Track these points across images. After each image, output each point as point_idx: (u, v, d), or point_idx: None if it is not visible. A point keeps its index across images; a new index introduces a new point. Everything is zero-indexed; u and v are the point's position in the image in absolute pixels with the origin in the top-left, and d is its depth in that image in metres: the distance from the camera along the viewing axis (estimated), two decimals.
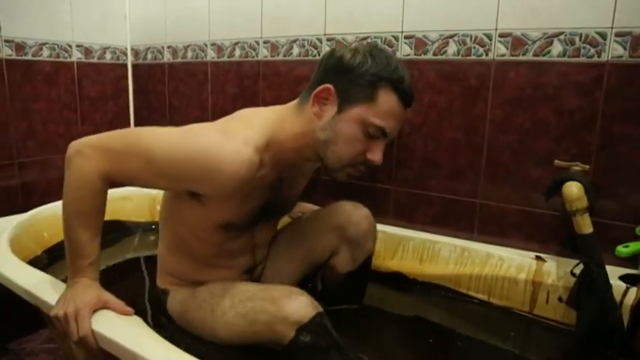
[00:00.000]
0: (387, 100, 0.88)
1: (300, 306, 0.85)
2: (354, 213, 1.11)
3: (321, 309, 0.87)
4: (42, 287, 0.96)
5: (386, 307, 1.25)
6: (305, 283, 1.19)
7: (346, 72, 0.88)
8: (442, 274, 1.27)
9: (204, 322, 0.97)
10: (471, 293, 1.22)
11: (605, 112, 1.08)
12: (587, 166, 1.08)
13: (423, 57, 1.29)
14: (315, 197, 1.49)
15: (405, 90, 0.89)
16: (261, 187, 0.95)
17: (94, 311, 0.85)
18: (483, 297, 1.21)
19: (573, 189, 1.02)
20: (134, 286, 1.33)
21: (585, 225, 1.02)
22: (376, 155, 0.92)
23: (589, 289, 1.02)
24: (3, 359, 1.37)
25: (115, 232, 1.61)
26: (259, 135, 0.88)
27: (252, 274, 1.13)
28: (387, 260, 1.35)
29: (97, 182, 0.85)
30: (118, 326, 0.83)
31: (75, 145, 0.86)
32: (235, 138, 0.84)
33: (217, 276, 1.04)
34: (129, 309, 0.87)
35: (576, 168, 1.08)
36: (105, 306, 0.87)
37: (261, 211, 1.00)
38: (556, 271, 1.13)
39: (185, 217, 0.99)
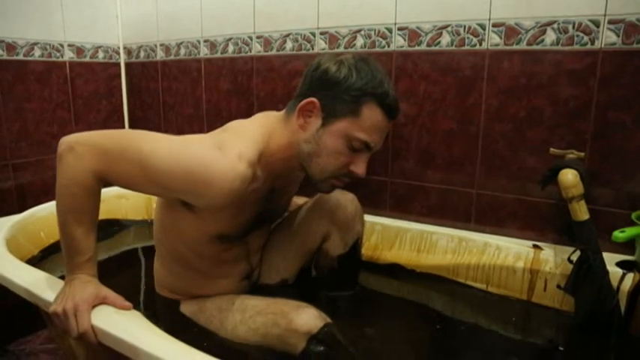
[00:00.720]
0: (371, 114, 0.88)
1: (309, 317, 0.88)
2: (341, 198, 1.14)
3: (329, 320, 0.89)
4: (41, 285, 0.96)
5: (385, 296, 1.26)
6: (303, 276, 1.19)
7: (331, 86, 0.88)
8: (440, 265, 1.27)
9: (215, 336, 0.98)
10: (469, 282, 1.23)
11: (599, 100, 1.09)
12: (582, 154, 1.09)
13: (416, 48, 1.29)
14: (309, 190, 1.50)
15: (390, 104, 0.90)
16: (254, 199, 0.96)
17: (93, 307, 0.85)
18: (481, 286, 1.21)
19: (569, 176, 1.03)
20: (132, 278, 1.33)
21: (581, 212, 1.02)
22: (360, 168, 0.93)
23: (586, 276, 1.02)
24: None
25: (111, 227, 1.61)
26: (252, 150, 0.88)
27: (251, 279, 1.14)
28: (384, 252, 1.36)
29: (89, 180, 0.84)
30: (118, 321, 0.83)
31: (66, 141, 0.85)
32: (230, 153, 0.84)
33: (218, 286, 1.06)
34: (128, 303, 0.87)
35: (571, 155, 1.09)
36: (104, 301, 0.86)
37: (255, 222, 1.02)
38: (553, 258, 1.13)
39: (180, 231, 0.99)
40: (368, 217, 1.40)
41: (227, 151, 0.84)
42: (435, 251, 1.29)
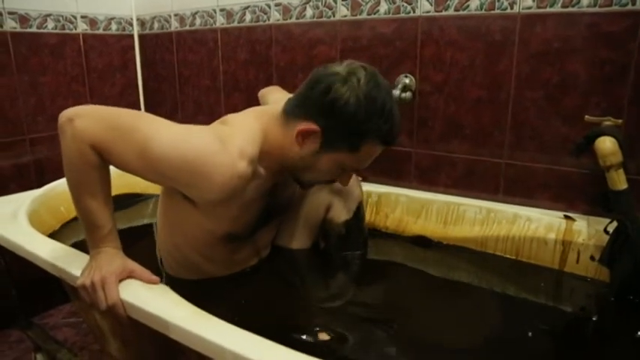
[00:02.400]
0: (370, 150, 0.89)
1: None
2: None
3: None
4: (66, 259, 0.95)
5: (410, 264, 1.25)
6: (315, 249, 1.20)
7: (336, 117, 0.85)
8: (467, 237, 1.24)
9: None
10: (498, 254, 1.20)
11: (638, 64, 1.04)
12: (619, 121, 1.04)
13: (443, 13, 1.24)
14: None
15: (391, 139, 0.90)
16: (258, 197, 0.96)
17: (120, 280, 0.84)
18: (511, 257, 1.19)
19: (607, 143, 0.99)
20: (150, 250, 1.32)
21: (620, 181, 0.99)
22: (344, 182, 0.98)
23: (623, 247, 0.99)
24: (29, 332, 1.38)
25: (131, 199, 1.58)
26: (252, 146, 0.87)
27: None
28: (409, 224, 1.33)
29: (90, 155, 0.81)
30: (146, 295, 0.82)
31: (66, 114, 0.81)
32: (231, 148, 0.82)
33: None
34: (155, 277, 0.86)
35: (608, 123, 1.04)
36: (131, 275, 0.85)
37: (261, 219, 1.02)
38: (587, 229, 1.10)
39: (185, 232, 0.98)
40: (391, 189, 1.39)
41: (229, 145, 0.82)
42: (462, 223, 1.26)
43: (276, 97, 1.23)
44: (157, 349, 0.96)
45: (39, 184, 1.60)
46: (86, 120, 0.80)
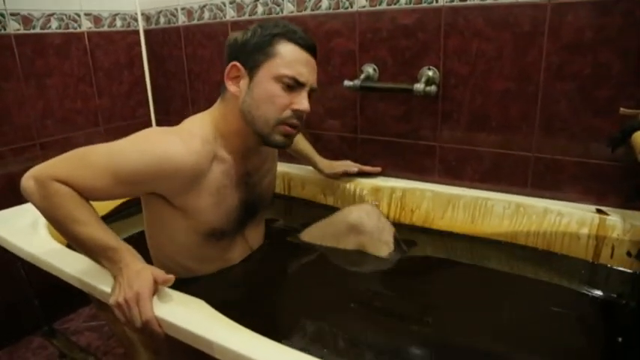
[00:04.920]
0: (286, 50, 0.94)
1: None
2: (359, 208, 1.20)
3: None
4: (92, 273, 0.92)
5: (438, 258, 1.26)
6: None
7: (243, 46, 0.95)
8: (496, 232, 1.23)
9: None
10: (530, 245, 1.19)
11: None
12: None
13: (468, 2, 1.19)
14: (353, 157, 1.45)
15: (301, 37, 0.95)
16: (230, 184, 1.01)
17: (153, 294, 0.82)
18: (542, 249, 1.17)
19: None
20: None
21: None
22: (301, 104, 0.96)
23: None
24: (54, 341, 1.37)
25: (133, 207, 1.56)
26: (200, 128, 0.97)
27: None
28: (436, 219, 1.32)
29: (60, 186, 0.85)
30: (184, 312, 0.80)
31: (23, 178, 0.89)
32: (181, 134, 0.93)
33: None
34: (170, 276, 0.84)
35: None
36: (156, 281, 0.83)
37: (243, 210, 1.06)
38: (622, 224, 1.08)
39: (174, 238, 1.02)
40: (417, 184, 1.37)
41: (180, 133, 0.94)
42: (490, 218, 1.24)
43: None
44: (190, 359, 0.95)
45: None
46: (41, 168, 0.88)
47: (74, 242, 0.89)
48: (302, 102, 0.95)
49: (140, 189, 0.95)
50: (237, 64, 0.95)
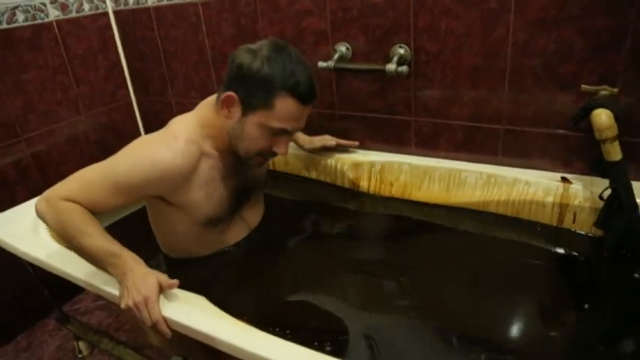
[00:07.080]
0: (284, 106, 0.96)
1: None
2: None
3: None
4: (99, 276, 1.00)
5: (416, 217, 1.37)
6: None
7: (246, 80, 0.96)
8: (469, 202, 1.32)
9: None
10: (500, 213, 1.29)
11: (635, 31, 1.04)
12: (615, 89, 1.07)
13: None
14: (332, 133, 1.50)
15: (302, 92, 0.96)
16: (219, 176, 1.08)
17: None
18: (511, 216, 1.27)
19: (603, 117, 1.02)
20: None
21: (615, 152, 1.04)
22: (281, 149, 1.04)
23: (616, 212, 1.06)
24: (68, 326, 1.47)
25: None
26: (186, 130, 1.02)
27: None
28: (414, 191, 1.40)
29: (68, 204, 0.95)
30: (188, 310, 0.89)
31: (37, 200, 0.99)
32: (165, 137, 1.01)
33: None
34: (174, 281, 0.92)
35: (604, 92, 1.07)
36: (162, 285, 0.90)
37: (235, 197, 1.14)
38: (582, 193, 1.17)
39: (176, 231, 1.12)
40: (394, 157, 1.43)
41: (165, 138, 1.01)
42: (464, 188, 1.33)
43: None
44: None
45: (44, 182, 1.62)
46: (50, 191, 0.98)
47: (83, 254, 0.96)
48: (281, 147, 1.04)
49: (138, 196, 1.03)
50: (235, 96, 0.98)
